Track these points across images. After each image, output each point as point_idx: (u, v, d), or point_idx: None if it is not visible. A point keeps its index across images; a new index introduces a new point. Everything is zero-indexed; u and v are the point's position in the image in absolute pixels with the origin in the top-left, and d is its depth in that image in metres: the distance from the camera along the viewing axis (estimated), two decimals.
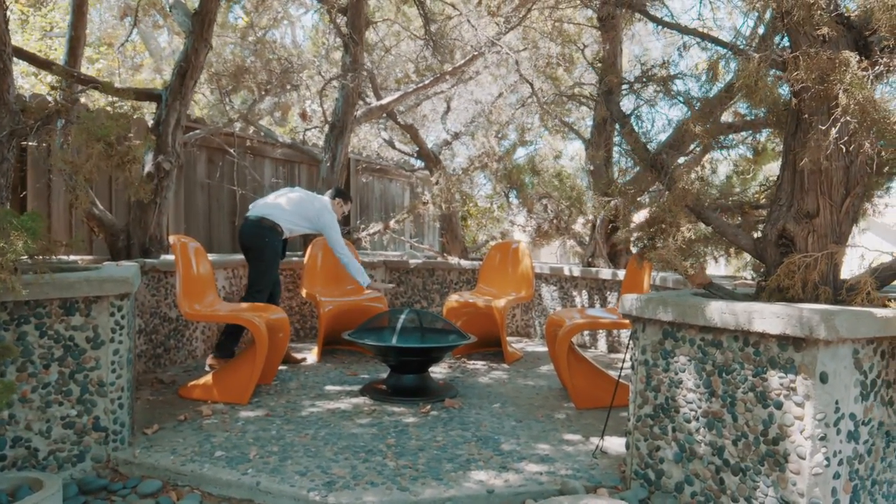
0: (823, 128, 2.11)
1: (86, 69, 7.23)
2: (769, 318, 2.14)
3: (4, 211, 2.23)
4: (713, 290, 2.82)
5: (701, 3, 4.25)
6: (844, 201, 2.50)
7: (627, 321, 3.83)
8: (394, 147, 7.58)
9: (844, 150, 2.12)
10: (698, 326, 2.40)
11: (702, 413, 2.42)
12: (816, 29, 1.84)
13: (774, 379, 2.18)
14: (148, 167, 4.48)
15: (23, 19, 6.10)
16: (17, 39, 6.72)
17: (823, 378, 2.07)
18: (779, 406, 2.17)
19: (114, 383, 2.94)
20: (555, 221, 6.32)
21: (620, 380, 3.50)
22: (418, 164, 7.51)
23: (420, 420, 3.53)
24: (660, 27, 3.20)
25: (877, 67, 1.88)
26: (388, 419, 3.53)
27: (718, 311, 2.30)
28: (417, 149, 7.06)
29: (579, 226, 6.84)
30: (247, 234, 4.56)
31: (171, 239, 3.96)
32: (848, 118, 2.02)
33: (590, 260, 5.87)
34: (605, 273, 5.41)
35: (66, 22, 5.09)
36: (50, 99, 3.69)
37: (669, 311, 2.47)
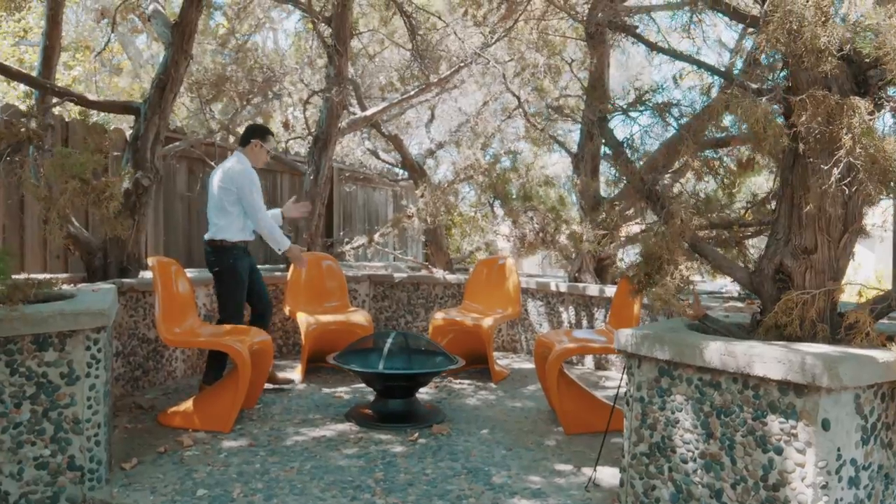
0: (826, 167, 2.07)
1: (62, 75, 7.03)
2: (770, 362, 2.10)
3: None
4: (708, 322, 2.78)
5: (692, 21, 4.21)
6: (842, 237, 2.47)
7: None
8: (378, 157, 7.48)
9: (847, 190, 2.08)
10: (696, 366, 2.35)
11: (699, 454, 2.37)
12: (819, 66, 1.79)
13: (775, 423, 2.14)
14: (125, 184, 4.33)
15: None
16: None
17: (825, 425, 2.03)
18: (779, 451, 2.13)
19: (90, 420, 2.82)
20: (540, 234, 6.27)
21: (605, 401, 3.45)
22: (402, 174, 7.42)
23: (408, 449, 3.44)
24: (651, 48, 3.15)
25: (882, 111, 1.85)
26: (376, 449, 3.44)
27: (717, 353, 2.25)
28: (402, 159, 6.97)
29: (564, 237, 6.79)
30: (206, 258, 4.31)
31: (150, 261, 3.83)
32: (851, 160, 1.98)
33: (576, 275, 5.83)
34: (593, 289, 5.37)
35: (41, 28, 4.91)
36: (25, 114, 3.55)
37: (666, 350, 2.42)
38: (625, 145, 2.88)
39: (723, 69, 2.72)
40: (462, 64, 5.76)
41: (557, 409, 3.83)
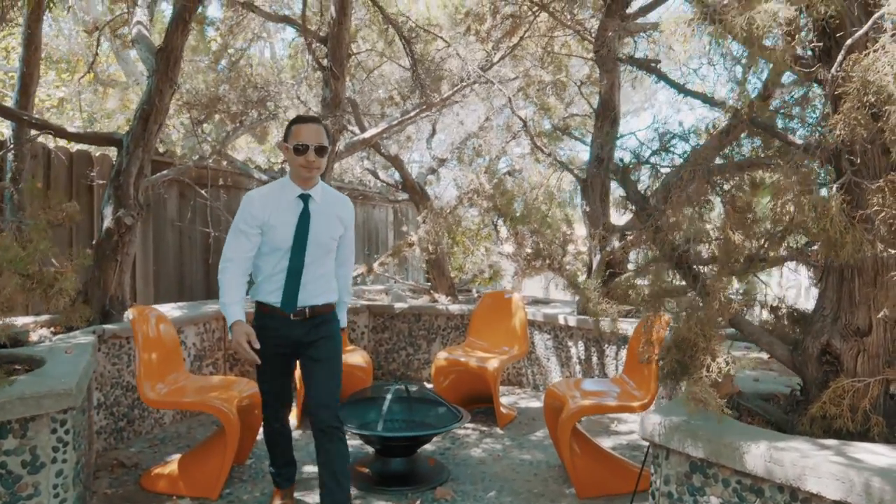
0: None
1: (48, 96, 6.74)
2: (826, 478, 1.82)
3: None
4: (742, 401, 2.50)
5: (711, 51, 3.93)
6: None
7: (637, 405, 3.52)
8: (378, 178, 7.21)
9: None
10: (734, 469, 2.07)
11: None
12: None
13: None
14: (107, 222, 4.07)
15: None
16: None
17: None
18: None
19: None
20: (547, 261, 5.99)
21: (621, 458, 3.18)
22: (403, 195, 7.14)
23: None
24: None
25: None
26: None
27: (761, 459, 1.97)
28: (402, 180, 6.69)
29: (571, 258, 6.51)
30: None
31: (129, 313, 3.55)
32: None
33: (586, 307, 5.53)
34: (604, 324, 5.08)
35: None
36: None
37: (700, 447, 2.13)
38: (649, 199, 2.60)
39: (774, 129, 2.41)
40: (463, 84, 5.48)
41: (570, 470, 3.55)
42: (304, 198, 2.84)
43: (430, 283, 7.09)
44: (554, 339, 5.56)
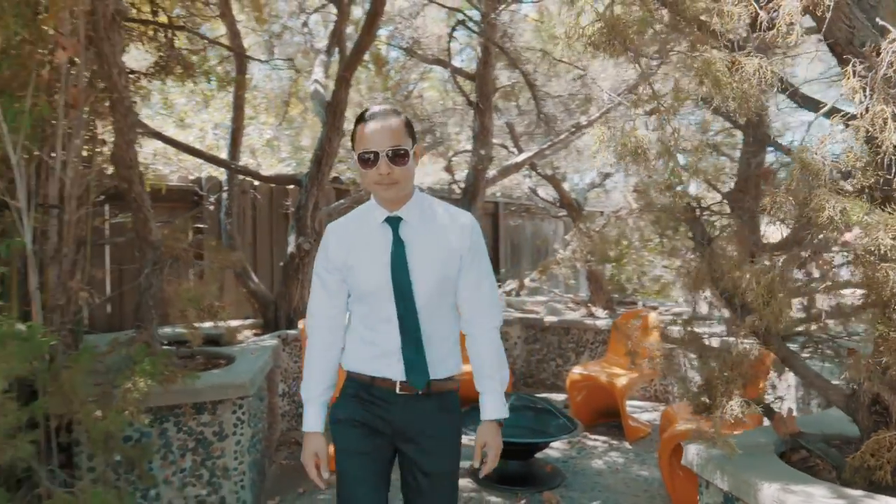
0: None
1: (258, 137, 8.30)
2: None
3: (138, 353, 2.79)
4: (803, 441, 2.54)
5: None
6: None
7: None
8: (536, 194, 7.63)
9: None
10: None
11: None
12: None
13: None
14: (290, 247, 5.07)
15: (205, 99, 7.22)
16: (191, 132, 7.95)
17: None
18: None
19: (236, 469, 3.45)
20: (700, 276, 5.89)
21: None
22: (563, 211, 7.48)
23: None
24: None
25: None
26: None
27: (770, 499, 2.09)
28: (559, 197, 7.03)
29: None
30: None
31: (301, 324, 4.45)
32: None
33: (734, 326, 5.39)
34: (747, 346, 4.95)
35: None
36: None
37: (726, 481, 2.29)
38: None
39: None
40: (609, 106, 5.67)
41: (669, 490, 3.69)
42: (393, 222, 1.97)
43: (589, 296, 7.31)
44: (699, 357, 5.50)
